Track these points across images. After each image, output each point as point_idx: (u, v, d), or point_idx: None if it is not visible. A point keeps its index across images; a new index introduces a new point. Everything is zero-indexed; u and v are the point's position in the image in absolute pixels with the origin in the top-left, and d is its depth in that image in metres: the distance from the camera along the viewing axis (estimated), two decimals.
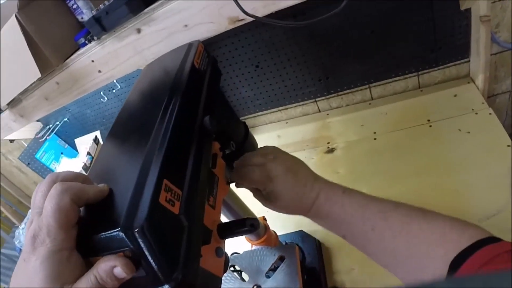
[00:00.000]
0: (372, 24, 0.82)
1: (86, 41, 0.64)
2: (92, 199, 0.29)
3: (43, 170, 1.47)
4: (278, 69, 0.94)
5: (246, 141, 0.53)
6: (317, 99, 1.01)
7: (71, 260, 0.27)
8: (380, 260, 0.42)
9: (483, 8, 0.72)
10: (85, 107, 1.28)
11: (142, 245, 0.26)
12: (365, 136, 0.90)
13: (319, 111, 1.05)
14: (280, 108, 1.05)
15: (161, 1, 0.53)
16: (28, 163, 1.44)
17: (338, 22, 0.83)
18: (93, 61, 0.66)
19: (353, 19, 0.82)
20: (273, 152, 0.49)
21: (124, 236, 0.25)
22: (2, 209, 2.27)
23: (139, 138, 0.34)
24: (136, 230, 0.25)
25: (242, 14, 0.50)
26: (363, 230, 0.42)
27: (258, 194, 0.49)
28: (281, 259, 0.59)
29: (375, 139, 0.89)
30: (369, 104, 0.98)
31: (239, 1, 0.44)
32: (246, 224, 0.38)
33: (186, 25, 0.53)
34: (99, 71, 0.67)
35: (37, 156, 1.41)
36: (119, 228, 0.25)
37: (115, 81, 1.08)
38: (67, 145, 1.50)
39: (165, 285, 0.27)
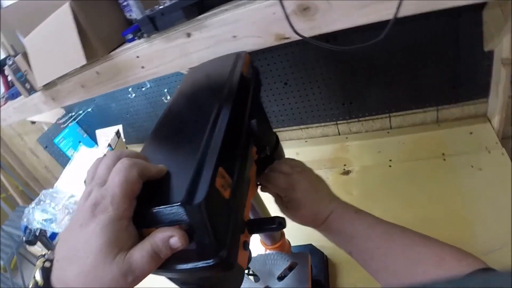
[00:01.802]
0: (399, 56, 0.86)
1: (136, 37, 0.68)
2: (152, 177, 0.31)
3: (59, 155, 1.51)
4: (305, 89, 0.98)
5: (277, 149, 0.56)
6: (338, 122, 1.05)
7: (129, 229, 0.30)
8: (382, 278, 0.45)
9: (506, 51, 0.75)
10: (111, 100, 1.32)
11: (199, 219, 0.28)
12: (381, 163, 0.93)
13: (339, 134, 1.08)
14: (302, 126, 1.09)
15: (215, 11, 0.57)
16: (46, 146, 1.48)
17: (367, 50, 0.86)
18: (138, 56, 0.69)
19: (381, 48, 0.85)
20: (300, 165, 0.53)
21: (183, 210, 0.28)
22: (9, 187, 2.30)
23: (194, 132, 0.38)
24: (195, 206, 0.28)
25: (289, 32, 0.53)
26: (369, 248, 0.45)
27: (279, 200, 0.52)
28: (293, 265, 0.61)
29: (390, 166, 0.92)
30: (388, 132, 1.02)
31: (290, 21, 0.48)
32: (275, 222, 0.40)
33: (234, 36, 0.56)
34: (142, 67, 0.70)
35: (56, 140, 1.45)
36: (180, 202, 0.28)
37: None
38: (86, 134, 1.54)
39: (210, 260, 0.29)
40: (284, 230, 0.70)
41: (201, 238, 0.29)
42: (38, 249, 1.40)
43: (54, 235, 1.32)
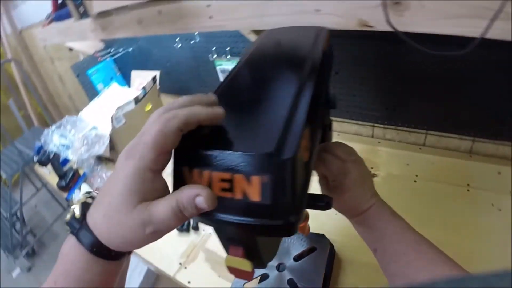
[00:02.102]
0: (455, 76, 0.84)
1: None
2: (204, 122, 0.30)
3: (88, 87, 1.51)
4: (354, 83, 0.96)
5: (330, 130, 0.56)
6: (375, 125, 1.04)
7: (154, 181, 0.29)
8: (396, 282, 0.46)
9: None
10: (154, 45, 1.31)
11: (284, 175, 0.27)
12: (407, 176, 0.93)
13: (372, 137, 1.07)
14: (338, 119, 1.08)
15: None
16: (78, 75, 1.48)
17: (426, 62, 0.84)
18: (209, 6, 0.68)
19: (440, 65, 0.83)
20: (354, 154, 0.53)
21: (270, 162, 0.27)
22: (28, 107, 2.33)
23: (278, 93, 0.37)
24: (285, 160, 0.27)
25: (374, 21, 0.52)
26: (396, 251, 0.46)
27: (324, 181, 0.52)
28: (311, 250, 0.61)
29: (415, 181, 0.91)
30: (420, 148, 1.01)
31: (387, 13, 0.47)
32: (324, 200, 0.40)
33: (318, 10, 0.55)
34: (210, 17, 0.69)
35: (89, 72, 1.45)
36: (270, 153, 0.27)
37: (196, 33, 1.12)
38: (119, 73, 1.54)
39: (280, 220, 0.28)
40: None
41: (278, 196, 0.27)
42: (46, 171, 1.42)
43: (66, 161, 1.34)
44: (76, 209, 0.32)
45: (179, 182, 0.31)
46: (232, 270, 0.35)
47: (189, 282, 0.80)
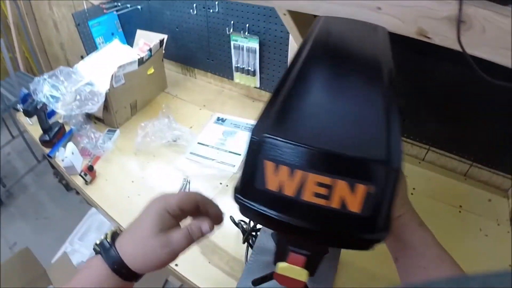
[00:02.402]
0: (473, 103, 0.84)
1: None
2: (207, 210, 0.44)
3: (86, 38, 1.42)
4: None
5: None
6: None
7: (171, 221, 0.42)
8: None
9: None
10: (167, 7, 1.24)
11: (391, 186, 0.24)
12: None
13: None
14: None
15: None
16: (78, 24, 1.38)
17: (450, 82, 0.84)
18: None
19: (463, 89, 0.83)
20: None
21: (382, 169, 0.24)
22: (17, 49, 2.19)
23: (365, 91, 0.33)
24: (395, 169, 0.24)
25: (434, 33, 0.50)
26: (417, 265, 0.46)
27: None
28: None
29: (412, 194, 0.92)
30: (419, 162, 1.02)
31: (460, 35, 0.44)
32: None
33: (379, 8, 0.52)
34: None
35: (90, 23, 1.37)
36: (382, 160, 0.24)
37: (216, 2, 1.06)
38: (121, 30, 1.46)
39: (371, 235, 0.25)
40: None
41: (379, 208, 0.24)
42: (28, 121, 1.32)
43: (52, 113, 1.26)
44: (108, 236, 0.42)
45: (255, 177, 0.26)
46: (282, 278, 0.32)
47: (176, 265, 0.76)
